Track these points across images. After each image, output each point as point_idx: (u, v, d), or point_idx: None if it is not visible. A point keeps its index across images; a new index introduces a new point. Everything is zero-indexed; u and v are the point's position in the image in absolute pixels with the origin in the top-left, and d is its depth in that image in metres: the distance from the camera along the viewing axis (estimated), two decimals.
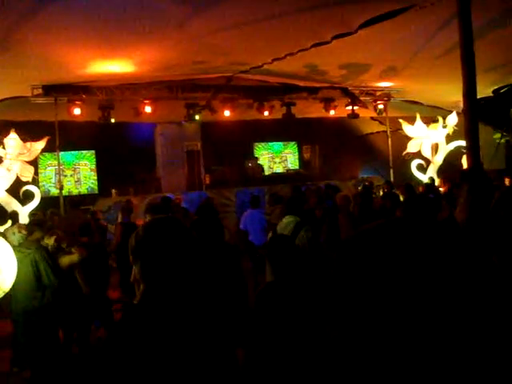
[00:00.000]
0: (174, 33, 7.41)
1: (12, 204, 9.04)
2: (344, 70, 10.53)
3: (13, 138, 8.98)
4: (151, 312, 1.82)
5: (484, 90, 8.69)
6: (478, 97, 5.47)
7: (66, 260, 5.69)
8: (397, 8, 6.60)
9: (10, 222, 8.87)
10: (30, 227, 5.77)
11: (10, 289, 4.53)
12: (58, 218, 9.14)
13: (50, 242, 5.87)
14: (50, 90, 10.56)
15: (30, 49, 7.58)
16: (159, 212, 6.05)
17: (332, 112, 13.43)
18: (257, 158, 16.69)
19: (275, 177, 16.12)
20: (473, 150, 5.39)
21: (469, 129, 5.40)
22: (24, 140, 9.36)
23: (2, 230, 7.91)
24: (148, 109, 11.73)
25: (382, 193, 10.01)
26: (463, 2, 5.22)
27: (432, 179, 12.05)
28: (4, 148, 8.76)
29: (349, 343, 1.26)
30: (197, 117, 12.45)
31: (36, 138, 9.82)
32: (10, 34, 6.81)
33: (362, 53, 8.88)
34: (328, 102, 13.29)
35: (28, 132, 9.62)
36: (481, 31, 6.60)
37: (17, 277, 4.58)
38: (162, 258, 1.84)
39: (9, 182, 9.07)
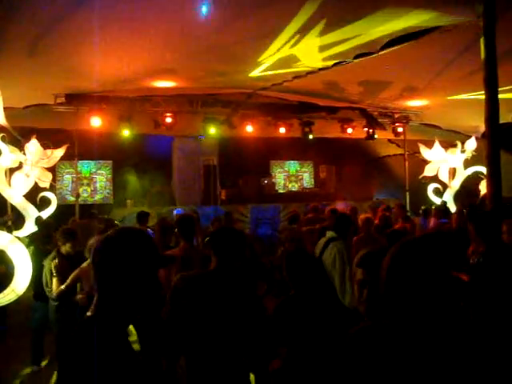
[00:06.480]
0: (207, 38, 7.29)
1: (29, 209, 9.09)
2: (363, 87, 10.47)
3: (33, 144, 9.06)
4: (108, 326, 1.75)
5: (504, 116, 8.60)
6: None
7: None
8: (420, 29, 6.60)
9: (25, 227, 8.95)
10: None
11: None
12: (74, 223, 9.21)
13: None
14: (72, 98, 10.66)
15: (56, 56, 7.65)
16: None
17: (350, 130, 13.38)
18: (270, 175, 16.69)
19: (291, 195, 16.13)
20: (493, 175, 5.31)
21: (490, 154, 5.33)
22: (45, 146, 9.45)
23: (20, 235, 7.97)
24: (168, 121, 11.74)
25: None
26: (488, 24, 5.22)
27: (445, 203, 11.94)
28: (25, 154, 8.82)
29: None
30: (213, 129, 12.41)
31: (56, 145, 9.91)
32: (37, 41, 6.88)
33: (383, 70, 8.83)
34: (346, 123, 13.29)
35: (48, 139, 9.71)
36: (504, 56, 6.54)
37: None
38: (122, 267, 1.78)
39: (27, 187, 9.12)
